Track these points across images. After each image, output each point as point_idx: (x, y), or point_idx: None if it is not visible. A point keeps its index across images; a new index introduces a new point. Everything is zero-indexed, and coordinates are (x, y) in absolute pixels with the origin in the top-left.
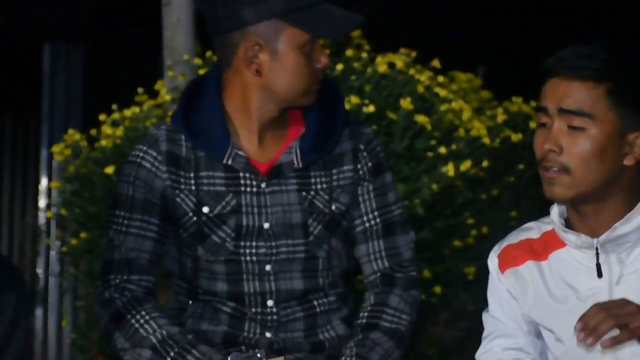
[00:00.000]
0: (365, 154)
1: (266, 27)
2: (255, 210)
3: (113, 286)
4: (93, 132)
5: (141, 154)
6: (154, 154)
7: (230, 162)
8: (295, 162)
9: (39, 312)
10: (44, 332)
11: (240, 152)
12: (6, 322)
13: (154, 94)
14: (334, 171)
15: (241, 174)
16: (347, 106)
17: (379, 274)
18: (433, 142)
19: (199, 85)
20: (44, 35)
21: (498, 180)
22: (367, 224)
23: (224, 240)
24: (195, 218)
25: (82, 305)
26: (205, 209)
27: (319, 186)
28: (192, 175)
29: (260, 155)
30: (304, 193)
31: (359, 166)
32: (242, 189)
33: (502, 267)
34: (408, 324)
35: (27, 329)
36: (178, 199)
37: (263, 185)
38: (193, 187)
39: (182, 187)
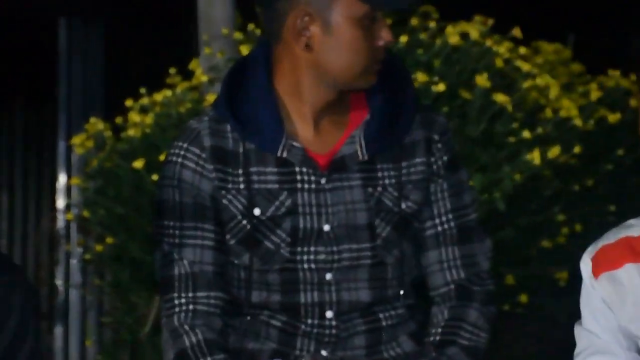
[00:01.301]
0: (439, 145)
1: None
2: (314, 210)
3: (179, 307)
4: (118, 120)
5: (182, 152)
6: (197, 151)
7: (285, 154)
8: (359, 153)
9: (58, 330)
10: (65, 353)
11: (295, 143)
12: (13, 326)
13: (188, 75)
14: (404, 164)
15: (297, 169)
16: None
17: (453, 286)
18: (515, 125)
19: (244, 65)
20: (59, 10)
21: (593, 168)
22: (439, 228)
23: (279, 247)
24: (245, 222)
25: (109, 321)
26: (257, 211)
27: (386, 181)
28: (240, 172)
29: (318, 146)
30: (369, 189)
31: (432, 159)
32: (299, 185)
33: (596, 271)
34: (486, 342)
35: (37, 333)
36: (225, 200)
37: (323, 181)
38: (242, 186)
39: (230, 186)
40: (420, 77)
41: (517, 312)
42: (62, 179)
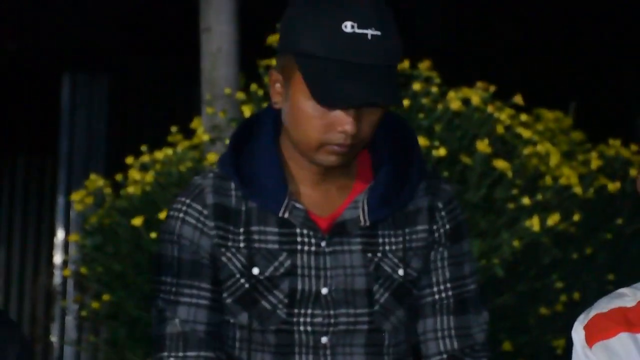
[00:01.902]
0: (443, 214)
1: (285, 61)
2: (313, 272)
3: None
4: (118, 177)
5: (184, 208)
6: (199, 207)
7: (286, 215)
8: (361, 219)
9: None
10: None
11: (297, 205)
12: None
13: (189, 134)
14: (406, 231)
15: (298, 230)
16: None
17: (445, 356)
18: (515, 191)
19: (254, 122)
20: (63, 65)
21: (592, 236)
22: (436, 296)
23: (275, 307)
24: (242, 280)
25: None
26: (255, 270)
27: (387, 247)
28: (241, 230)
29: (321, 208)
30: (369, 255)
31: (434, 227)
32: (299, 247)
33: (590, 340)
34: None
35: None
36: (224, 258)
37: (323, 244)
38: (242, 245)
39: (230, 244)
40: (421, 141)
41: None
42: (60, 234)
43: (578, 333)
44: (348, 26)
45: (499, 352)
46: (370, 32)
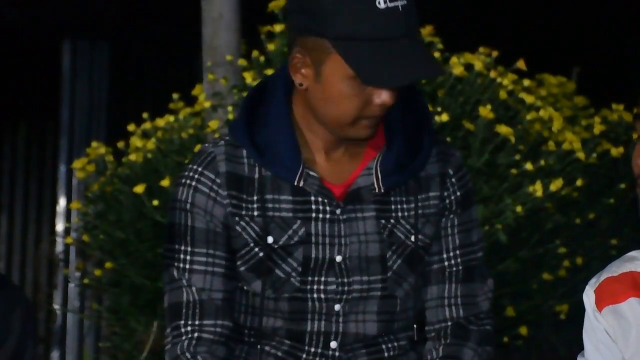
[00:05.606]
0: (454, 180)
1: (314, 44)
2: (327, 240)
3: (184, 335)
4: (120, 144)
5: (196, 176)
6: (212, 176)
7: (301, 183)
8: (376, 186)
9: (55, 355)
10: None
11: (312, 173)
12: (12, 347)
13: (191, 101)
14: (419, 197)
15: (313, 198)
16: None
17: (450, 323)
18: (517, 156)
19: (265, 89)
20: (63, 32)
21: (595, 201)
22: (445, 263)
23: (289, 275)
24: (257, 249)
25: (106, 347)
26: (270, 239)
27: (400, 214)
28: (255, 198)
29: (334, 176)
30: (382, 221)
31: (445, 194)
32: (313, 215)
33: (600, 303)
34: None
35: (35, 355)
36: (238, 227)
37: (338, 211)
38: (256, 213)
39: (244, 212)
40: None
41: (517, 344)
42: (62, 202)
43: (589, 296)
44: (381, 2)
45: (502, 317)
46: (399, 3)
